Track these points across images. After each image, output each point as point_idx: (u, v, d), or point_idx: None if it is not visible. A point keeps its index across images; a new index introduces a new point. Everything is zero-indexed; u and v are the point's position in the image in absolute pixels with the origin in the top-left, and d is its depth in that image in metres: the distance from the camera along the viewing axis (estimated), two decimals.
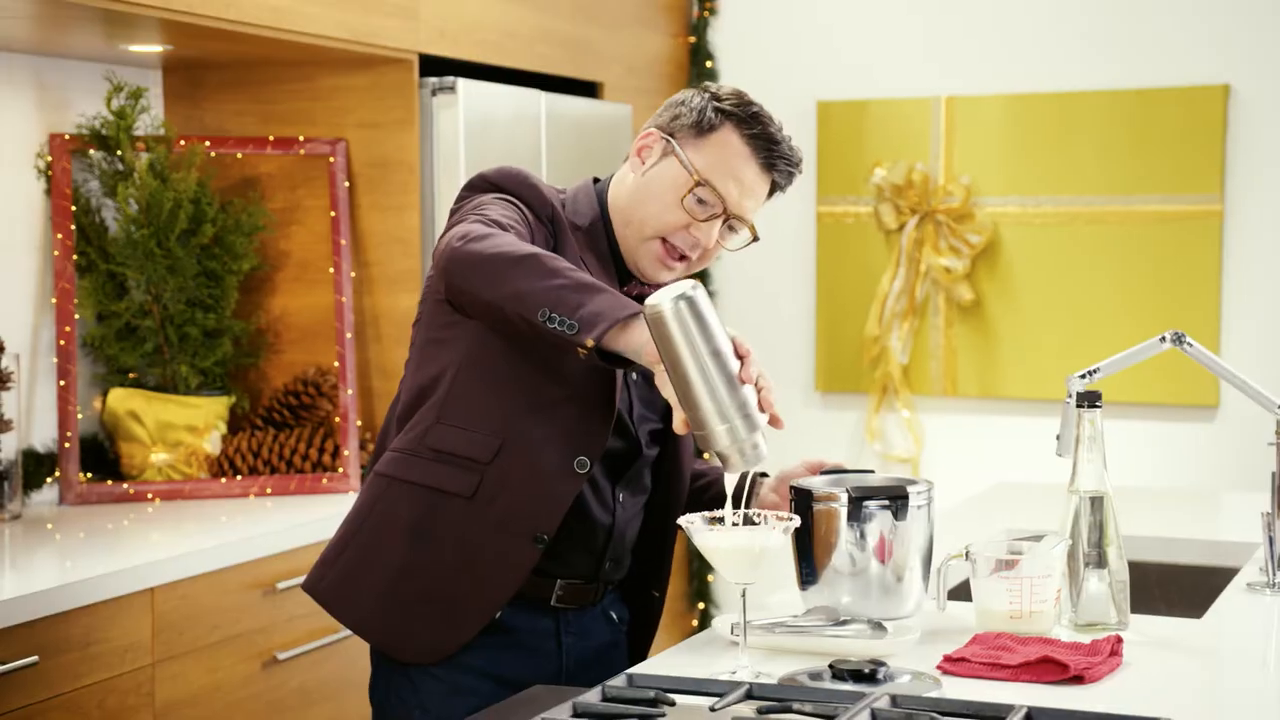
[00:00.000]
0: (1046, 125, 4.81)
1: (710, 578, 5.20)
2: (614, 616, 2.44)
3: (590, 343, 1.98)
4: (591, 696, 1.81)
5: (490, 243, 2.09)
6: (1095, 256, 4.77)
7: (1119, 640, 2.16)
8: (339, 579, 2.31)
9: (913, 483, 2.36)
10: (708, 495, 2.52)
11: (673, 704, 1.81)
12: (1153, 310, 4.69)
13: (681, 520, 2.07)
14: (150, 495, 3.58)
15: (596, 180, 2.42)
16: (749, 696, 1.82)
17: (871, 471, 2.46)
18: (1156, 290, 4.71)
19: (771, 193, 2.35)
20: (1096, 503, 2.32)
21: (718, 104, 2.30)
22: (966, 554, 2.27)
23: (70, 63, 3.68)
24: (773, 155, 2.30)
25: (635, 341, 2.01)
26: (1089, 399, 2.33)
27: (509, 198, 2.27)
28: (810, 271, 5.13)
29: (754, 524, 2.06)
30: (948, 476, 4.92)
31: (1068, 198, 4.80)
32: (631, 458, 2.35)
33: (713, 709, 1.77)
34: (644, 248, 2.31)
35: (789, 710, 1.79)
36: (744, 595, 2.03)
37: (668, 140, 2.30)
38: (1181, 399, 4.69)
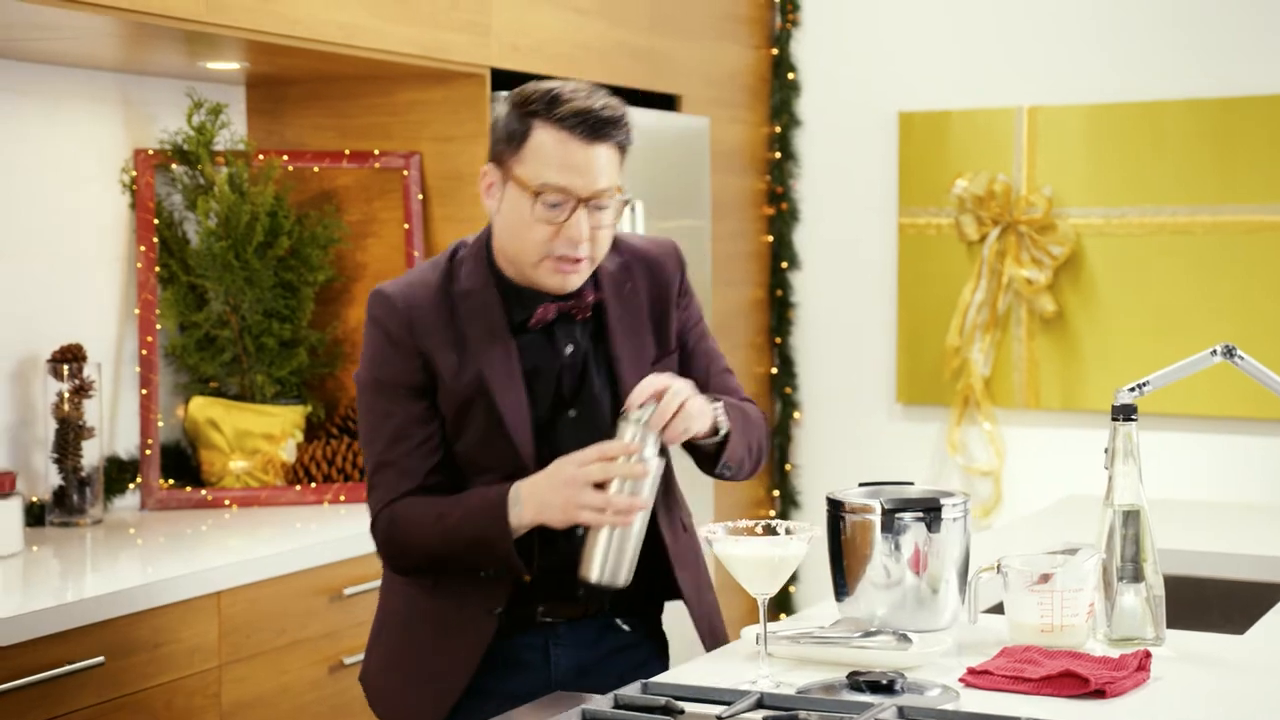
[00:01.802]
0: (1130, 135, 4.76)
1: (792, 589, 5.21)
2: (621, 625, 2.46)
3: (527, 577, 2.31)
4: (603, 704, 1.84)
5: (399, 540, 2.36)
6: (1180, 267, 4.71)
7: (1147, 655, 2.15)
8: (368, 670, 2.53)
9: (948, 495, 2.37)
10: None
11: (681, 712, 1.83)
12: (1239, 322, 4.62)
13: (702, 530, 2.09)
14: (227, 501, 3.67)
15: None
16: (759, 706, 1.84)
17: (911, 484, 2.47)
18: (1242, 301, 4.64)
19: (623, 153, 2.33)
20: (1132, 516, 2.31)
21: (519, 107, 2.30)
22: (998, 567, 2.27)
23: (155, 80, 3.79)
24: (590, 123, 2.27)
25: (528, 522, 2.27)
26: (1124, 412, 2.32)
27: (381, 334, 2.38)
28: (892, 283, 5.12)
29: (774, 534, 2.08)
30: (1030, 490, 4.89)
31: (1152, 208, 4.75)
32: None
33: (720, 717, 1.79)
34: (537, 272, 2.33)
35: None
36: (764, 605, 2.05)
37: (499, 169, 2.33)
38: (1249, 412, 4.62)
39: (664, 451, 2.26)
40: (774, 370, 5.24)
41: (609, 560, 2.19)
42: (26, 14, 2.91)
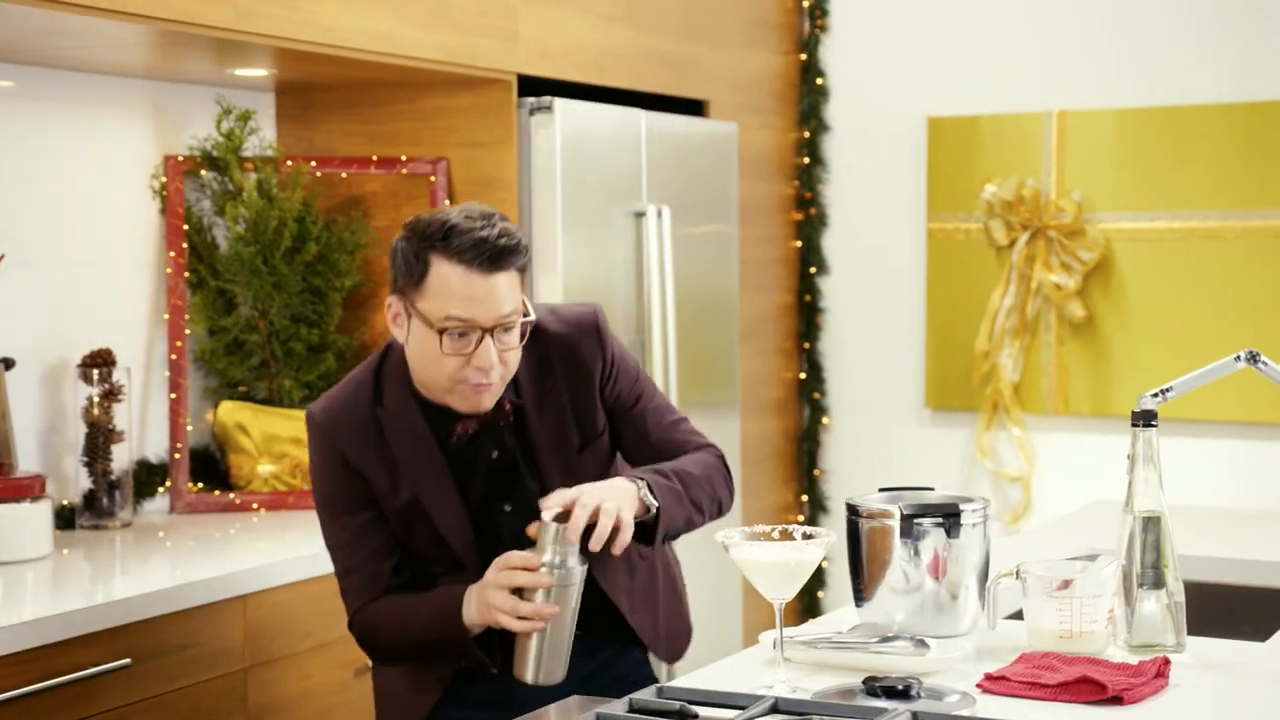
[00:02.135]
0: (1160, 140, 4.74)
1: (821, 594, 5.20)
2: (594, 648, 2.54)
3: (494, 670, 2.40)
4: (617, 707, 1.84)
5: (375, 643, 2.50)
6: (1211, 273, 4.69)
7: (1166, 662, 2.14)
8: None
9: (967, 500, 2.37)
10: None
11: (695, 716, 1.84)
12: (1270, 327, 4.60)
13: (719, 535, 2.10)
14: (255, 505, 3.70)
15: None
16: (774, 710, 1.85)
17: (931, 489, 2.47)
18: (1273, 307, 4.61)
19: (523, 273, 2.37)
20: (1152, 522, 2.30)
21: (416, 241, 2.33)
22: (1017, 573, 2.27)
23: (185, 86, 3.82)
24: (487, 254, 2.30)
25: (476, 623, 2.36)
26: (1144, 418, 2.31)
27: (318, 456, 2.49)
28: (920, 288, 5.12)
29: (791, 539, 2.08)
30: (1060, 495, 4.88)
31: (1183, 213, 4.73)
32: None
33: None
34: (451, 397, 2.39)
35: None
36: (779, 610, 2.06)
37: (402, 301, 2.37)
38: (1273, 418, 4.60)
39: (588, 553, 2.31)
40: (802, 375, 5.24)
41: (542, 661, 2.28)
42: (60, 22, 2.94)
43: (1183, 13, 4.76)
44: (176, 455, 3.69)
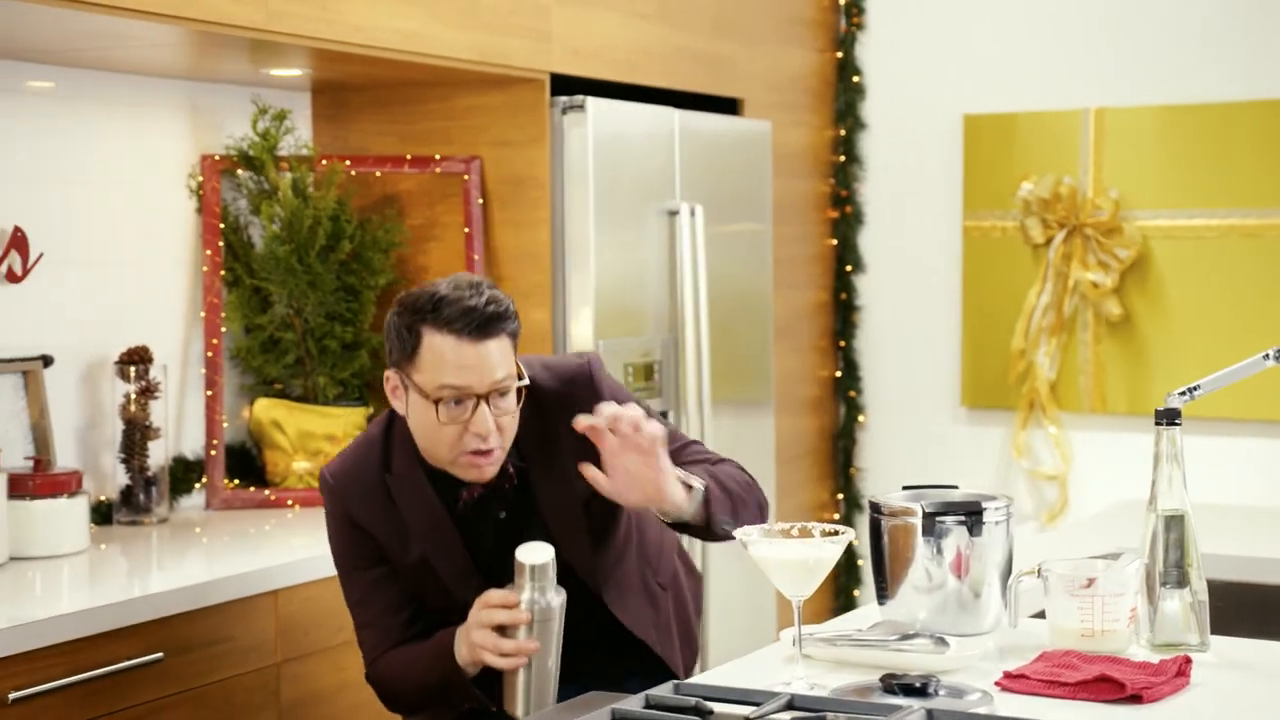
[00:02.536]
0: (1198, 137, 4.71)
1: (856, 592, 5.20)
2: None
3: (494, 708, 2.43)
4: (633, 703, 1.86)
5: (389, 693, 2.58)
6: (1249, 271, 4.66)
7: (1188, 661, 2.14)
8: None
9: (990, 499, 2.37)
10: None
11: (710, 712, 1.85)
12: None
13: (737, 532, 2.11)
14: (290, 501, 3.73)
15: None
16: (789, 707, 1.85)
17: (955, 487, 2.47)
18: None
19: (514, 339, 2.41)
20: (1175, 521, 2.29)
21: (408, 316, 2.38)
22: (1039, 571, 2.27)
23: (222, 87, 3.86)
24: (476, 321, 2.35)
25: (467, 663, 2.41)
26: (1168, 416, 2.31)
27: (331, 516, 2.57)
28: (956, 286, 5.10)
29: (810, 536, 2.09)
30: (1096, 494, 4.86)
31: (1221, 211, 4.70)
32: None
33: (749, 718, 1.80)
34: (454, 468, 2.44)
35: None
36: (798, 607, 2.06)
37: (398, 374, 2.42)
38: None
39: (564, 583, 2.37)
40: (838, 374, 5.23)
41: (530, 694, 2.35)
42: (96, 24, 2.98)
43: (1221, 9, 4.73)
44: (212, 452, 3.72)
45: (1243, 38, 4.70)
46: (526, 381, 2.43)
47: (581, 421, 2.29)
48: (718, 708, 1.87)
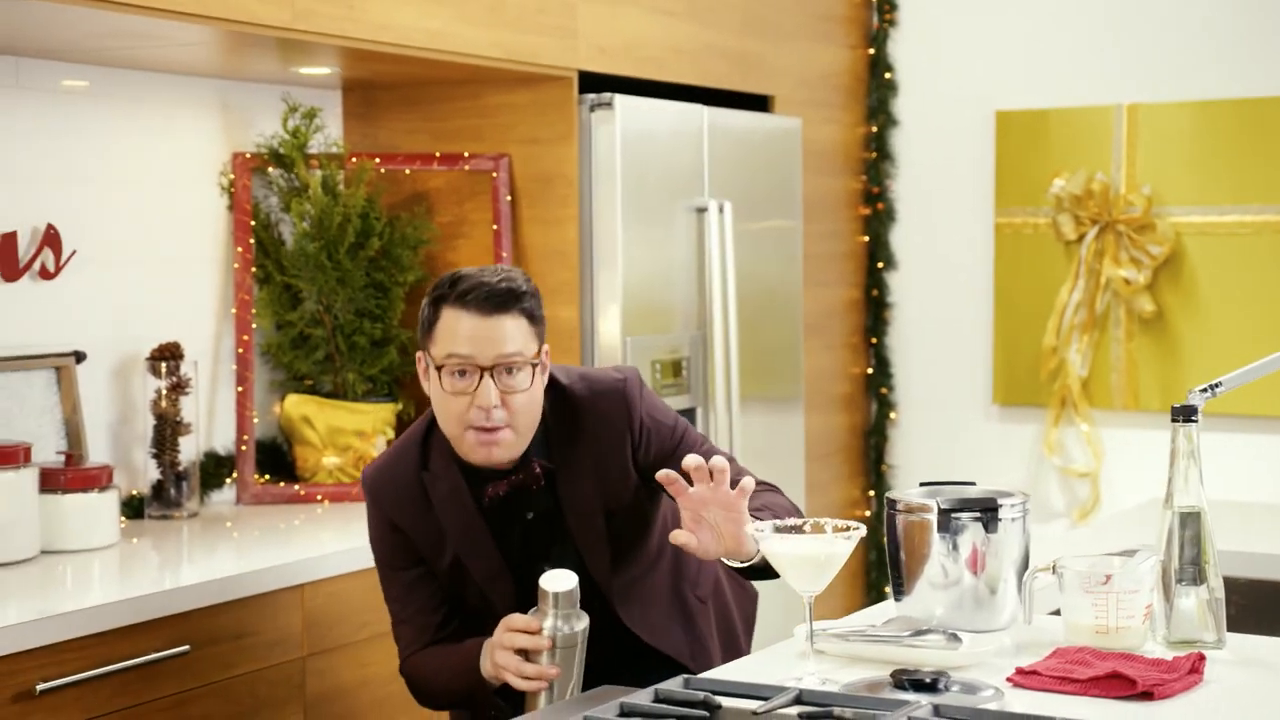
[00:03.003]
0: (1231, 132, 4.69)
1: (887, 589, 5.19)
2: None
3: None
4: (642, 697, 1.87)
5: (420, 691, 2.62)
6: None
7: (1201, 658, 2.13)
8: None
9: (1006, 495, 2.37)
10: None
11: (719, 707, 1.86)
12: None
13: (749, 528, 2.12)
14: (319, 497, 3.76)
15: None
16: (797, 701, 1.86)
17: (973, 484, 2.47)
18: None
19: (532, 321, 2.45)
20: (1191, 518, 2.29)
21: (431, 296, 2.46)
22: (1054, 568, 2.27)
23: (253, 85, 3.89)
24: (486, 297, 2.40)
25: (491, 676, 2.44)
26: (1184, 413, 2.30)
27: (371, 514, 2.62)
28: (988, 283, 5.09)
29: (822, 532, 2.09)
30: (1128, 492, 4.84)
31: (1255, 207, 4.67)
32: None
33: (755, 713, 1.81)
34: (464, 447, 2.46)
35: (830, 716, 1.82)
36: (809, 603, 2.07)
37: (424, 355, 2.48)
38: None
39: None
40: (870, 370, 5.23)
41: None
42: (130, 24, 3.01)
43: (1254, 4, 4.70)
44: (243, 447, 3.75)
45: (1276, 33, 4.66)
46: (542, 361, 2.45)
47: (665, 475, 2.27)
48: (726, 702, 1.88)
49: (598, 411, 2.53)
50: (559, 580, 2.34)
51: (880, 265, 5.19)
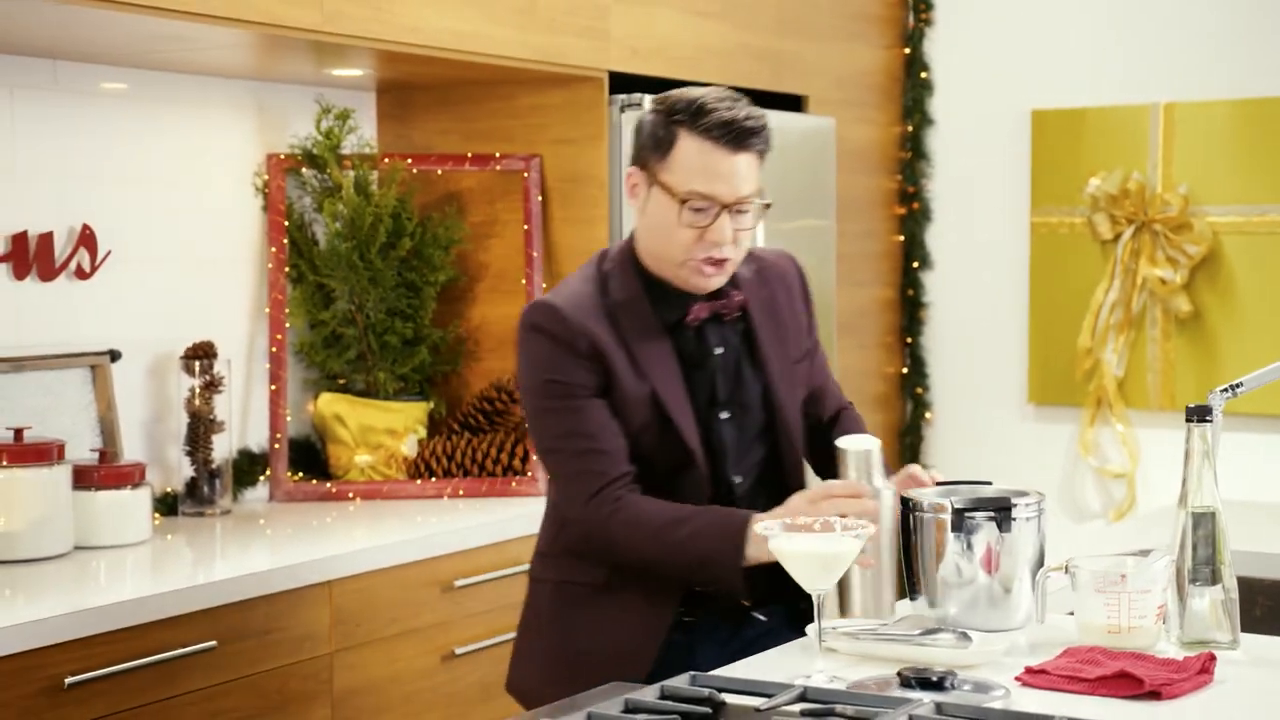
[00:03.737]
0: (1268, 131, 4.66)
1: None
2: (758, 617, 2.52)
3: (747, 602, 2.44)
4: (648, 694, 1.88)
5: (615, 533, 2.39)
6: None
7: (1211, 658, 2.13)
8: (515, 675, 2.62)
9: (1021, 494, 2.37)
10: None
11: (723, 704, 1.87)
12: None
13: (757, 526, 2.13)
14: (351, 494, 3.79)
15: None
16: (801, 699, 1.88)
17: (989, 483, 2.47)
18: None
19: (762, 158, 2.43)
20: (1205, 518, 2.29)
21: (665, 115, 2.40)
22: (1066, 567, 2.27)
23: (287, 86, 3.93)
24: (735, 133, 2.37)
25: (759, 558, 2.28)
26: (1199, 413, 2.30)
27: (553, 343, 2.42)
28: (1023, 282, 5.08)
29: (832, 530, 2.10)
30: (1164, 492, 4.81)
31: None
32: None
33: (758, 710, 1.83)
34: (681, 272, 2.43)
35: (832, 714, 1.83)
36: (817, 602, 2.08)
37: (644, 172, 2.43)
38: None
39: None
40: (905, 370, 5.23)
41: (868, 599, 2.31)
42: (166, 28, 3.06)
43: None
44: (276, 445, 3.79)
45: None
46: (768, 200, 2.44)
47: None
48: (731, 699, 1.90)
49: (778, 267, 2.61)
50: (859, 441, 2.27)
51: (915, 265, 5.19)
